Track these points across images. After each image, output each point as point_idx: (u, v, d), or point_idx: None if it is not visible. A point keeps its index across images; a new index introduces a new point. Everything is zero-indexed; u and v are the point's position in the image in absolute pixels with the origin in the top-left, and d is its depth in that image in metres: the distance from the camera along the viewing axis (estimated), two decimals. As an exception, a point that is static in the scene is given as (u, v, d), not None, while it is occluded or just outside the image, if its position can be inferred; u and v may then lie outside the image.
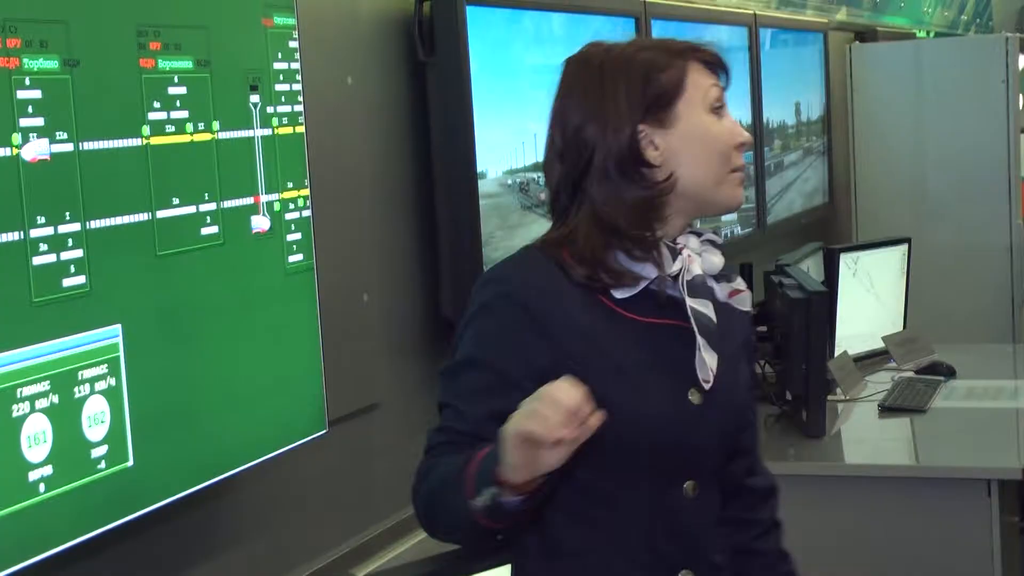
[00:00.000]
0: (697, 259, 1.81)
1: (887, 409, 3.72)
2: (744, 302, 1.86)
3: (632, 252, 1.78)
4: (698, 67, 1.82)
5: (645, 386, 1.78)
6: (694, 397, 1.80)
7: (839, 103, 6.17)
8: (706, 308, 1.80)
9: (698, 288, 1.79)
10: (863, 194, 6.29)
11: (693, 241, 1.83)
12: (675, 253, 1.80)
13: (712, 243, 1.85)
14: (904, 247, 4.50)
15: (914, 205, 6.18)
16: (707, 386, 1.79)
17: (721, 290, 1.85)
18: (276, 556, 2.57)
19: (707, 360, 1.78)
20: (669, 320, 1.80)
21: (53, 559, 1.90)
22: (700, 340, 1.77)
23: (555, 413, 1.53)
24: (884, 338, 4.25)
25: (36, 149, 1.85)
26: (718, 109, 1.82)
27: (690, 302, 1.78)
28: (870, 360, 4.22)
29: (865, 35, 6.61)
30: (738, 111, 4.77)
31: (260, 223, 2.32)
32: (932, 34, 8.08)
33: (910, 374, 4.08)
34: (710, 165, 1.80)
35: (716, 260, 1.84)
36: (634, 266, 1.78)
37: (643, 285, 1.78)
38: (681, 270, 1.79)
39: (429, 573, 1.59)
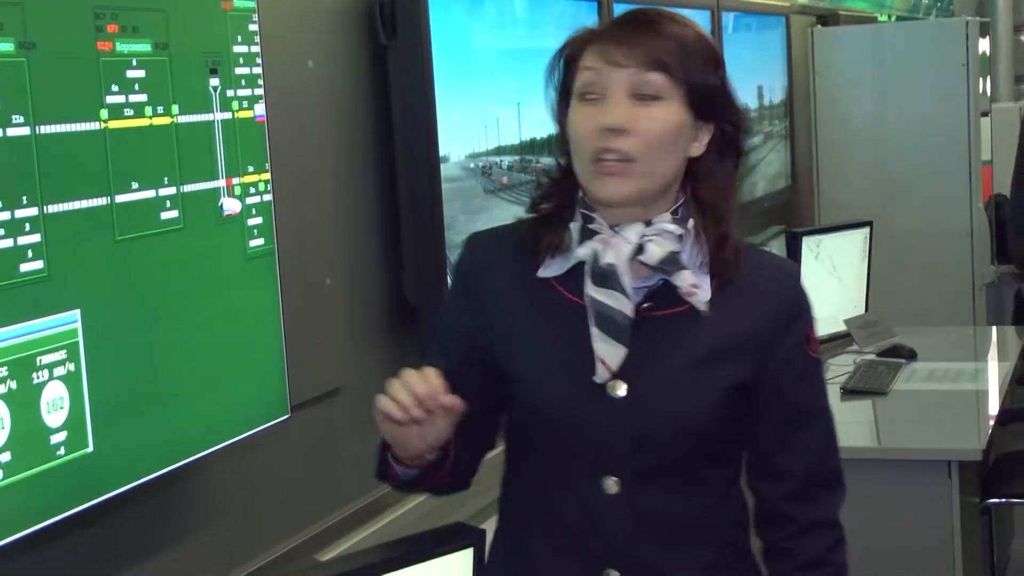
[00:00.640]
0: (626, 246, 1.73)
1: (849, 392, 3.74)
2: (698, 303, 1.75)
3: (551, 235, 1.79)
4: (594, 50, 1.74)
5: (554, 366, 1.77)
6: (615, 387, 1.75)
7: (801, 87, 6.19)
8: (609, 298, 1.72)
9: (607, 278, 1.73)
10: (825, 178, 6.31)
11: (634, 229, 1.74)
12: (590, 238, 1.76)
13: (669, 232, 1.74)
14: (866, 230, 4.52)
15: (876, 189, 6.21)
16: (598, 379, 1.74)
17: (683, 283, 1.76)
18: (240, 542, 2.56)
19: (599, 350, 1.73)
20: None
21: (12, 546, 1.89)
22: (594, 330, 1.73)
23: (405, 396, 1.61)
24: (846, 321, 4.27)
25: (-8, 133, 1.83)
26: (586, 96, 1.73)
27: (589, 289, 1.73)
28: (832, 343, 4.24)
29: (827, 19, 6.64)
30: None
31: (231, 205, 2.31)
32: (893, 18, 8.12)
33: (872, 357, 4.10)
34: (578, 156, 1.75)
35: (655, 250, 1.73)
36: (573, 246, 1.76)
37: (571, 264, 1.77)
38: (593, 256, 1.74)
39: (393, 558, 1.58)
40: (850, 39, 6.36)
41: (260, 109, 2.40)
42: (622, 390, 1.75)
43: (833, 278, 4.38)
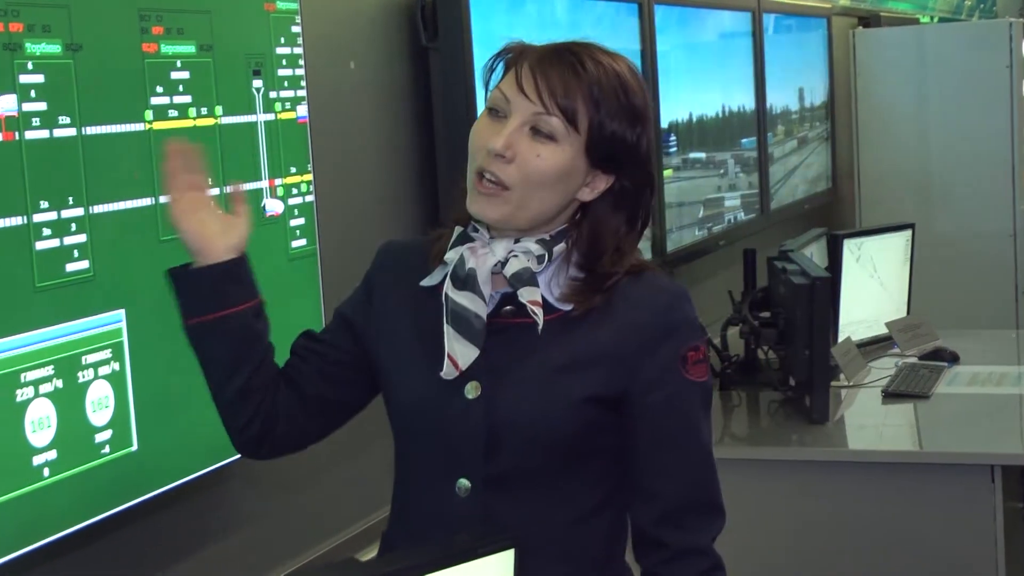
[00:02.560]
0: (492, 257, 1.74)
1: (891, 395, 3.72)
2: (537, 319, 1.73)
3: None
4: (512, 72, 1.74)
5: (413, 365, 1.79)
6: (470, 389, 1.75)
7: (842, 89, 6.16)
8: (466, 300, 1.74)
9: (467, 281, 1.74)
10: (866, 180, 6.27)
11: (503, 244, 1.75)
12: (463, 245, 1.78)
13: (530, 252, 1.75)
14: (908, 233, 4.49)
15: (917, 191, 6.17)
16: (444, 375, 1.73)
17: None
18: (280, 541, 2.57)
19: (449, 347, 1.73)
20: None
21: (57, 544, 1.91)
22: (447, 328, 1.74)
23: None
24: (888, 324, 4.24)
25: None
26: (492, 111, 1.74)
27: (447, 289, 1.75)
28: (873, 346, 4.21)
29: (869, 20, 6.60)
30: (741, 97, 4.77)
31: (274, 206, 2.32)
32: (936, 19, 8.07)
33: (914, 360, 4.07)
34: (468, 166, 1.76)
35: (513, 264, 1.74)
36: (450, 252, 1.78)
37: (445, 271, 1.77)
38: (459, 260, 1.75)
39: (434, 558, 1.59)
40: (892, 40, 6.32)
41: (302, 110, 2.41)
42: (476, 392, 1.75)
43: (874, 281, 4.35)
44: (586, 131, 1.73)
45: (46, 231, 1.87)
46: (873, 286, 4.34)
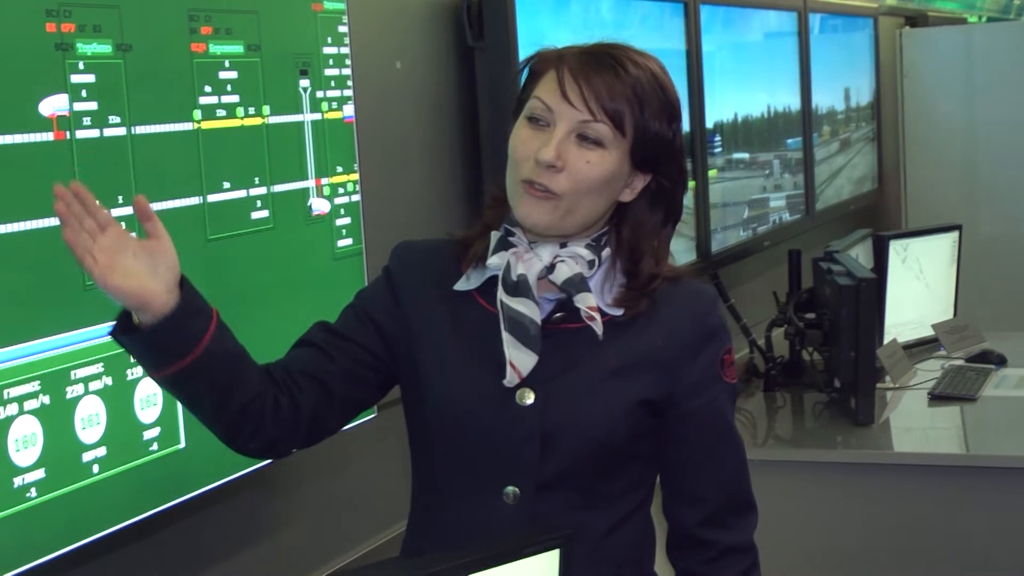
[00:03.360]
0: (538, 262, 1.74)
1: (937, 397, 3.69)
2: (596, 326, 1.74)
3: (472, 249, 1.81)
4: (551, 78, 1.74)
5: (464, 374, 1.77)
6: (523, 396, 1.75)
7: (889, 89, 6.12)
8: (522, 306, 1.74)
9: (519, 287, 1.74)
10: (913, 181, 6.23)
11: (548, 248, 1.76)
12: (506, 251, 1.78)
13: (580, 256, 1.76)
14: (955, 234, 4.46)
15: (964, 192, 6.12)
16: (507, 383, 1.73)
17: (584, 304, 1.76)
18: (325, 539, 2.58)
19: (510, 355, 1.73)
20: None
21: (105, 541, 1.92)
22: (505, 335, 1.73)
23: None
24: (934, 326, 4.21)
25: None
26: (533, 120, 1.74)
27: (502, 296, 1.74)
28: (919, 348, 4.19)
29: (916, 20, 6.56)
30: (787, 97, 4.75)
31: (320, 205, 2.34)
32: (984, 19, 8.00)
33: (960, 362, 4.04)
34: (510, 173, 1.76)
35: (563, 270, 1.75)
36: (490, 257, 1.78)
37: (487, 276, 1.78)
38: (505, 267, 1.75)
39: (481, 557, 1.59)
40: (939, 40, 6.28)
41: (349, 110, 2.42)
42: (530, 398, 1.75)
43: (920, 282, 4.32)
44: (631, 134, 1.74)
45: (96, 230, 1.88)
46: (919, 287, 4.31)
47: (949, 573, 3.24)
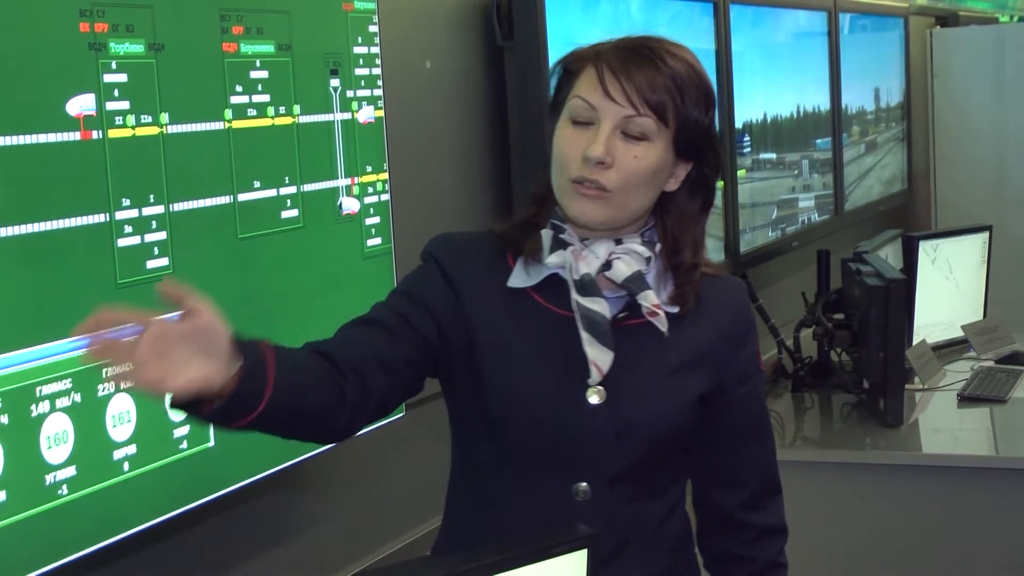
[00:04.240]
0: (595, 260, 1.76)
1: (966, 399, 3.67)
2: (659, 323, 1.77)
3: (526, 245, 1.80)
4: (590, 75, 1.75)
5: (529, 372, 1.77)
6: (591, 394, 1.77)
7: (919, 89, 6.09)
8: (596, 305, 1.75)
9: (587, 286, 1.76)
10: (942, 181, 6.20)
11: (603, 245, 1.77)
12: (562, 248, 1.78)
13: (637, 253, 1.77)
14: (985, 235, 4.44)
15: (994, 193, 6.09)
16: (592, 382, 1.75)
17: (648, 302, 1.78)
18: (354, 538, 2.59)
19: (590, 354, 1.74)
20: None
21: (135, 538, 1.93)
22: (584, 335, 1.74)
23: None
24: (964, 327, 4.19)
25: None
26: (578, 121, 1.74)
27: (576, 297, 1.76)
28: (949, 349, 4.17)
29: (946, 20, 6.52)
30: (816, 97, 4.73)
31: (350, 205, 2.34)
32: (1015, 19, 7.95)
33: (990, 363, 4.02)
34: (557, 174, 1.76)
35: (622, 268, 1.77)
36: (544, 256, 1.78)
37: (544, 275, 1.79)
38: (568, 266, 1.76)
39: (508, 557, 1.59)
40: (970, 40, 6.25)
41: (370, 112, 2.43)
42: (601, 396, 1.77)
43: (950, 283, 4.30)
44: (674, 124, 1.76)
45: (128, 228, 1.89)
46: (949, 288, 4.29)
47: (976, 575, 3.22)
